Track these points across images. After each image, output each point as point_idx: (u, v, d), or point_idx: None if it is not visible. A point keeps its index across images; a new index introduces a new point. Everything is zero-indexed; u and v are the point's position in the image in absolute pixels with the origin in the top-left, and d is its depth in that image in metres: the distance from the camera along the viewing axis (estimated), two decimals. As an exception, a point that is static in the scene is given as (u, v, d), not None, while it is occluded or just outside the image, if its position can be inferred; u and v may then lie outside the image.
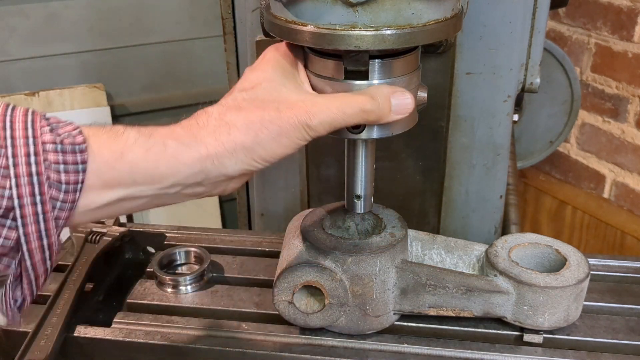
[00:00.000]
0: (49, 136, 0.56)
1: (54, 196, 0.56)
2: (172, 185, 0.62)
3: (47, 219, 0.56)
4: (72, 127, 0.58)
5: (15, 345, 0.83)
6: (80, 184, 0.57)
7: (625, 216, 2.01)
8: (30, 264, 0.57)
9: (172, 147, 0.61)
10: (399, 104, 0.67)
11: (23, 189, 0.55)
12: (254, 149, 0.62)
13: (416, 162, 1.08)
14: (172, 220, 2.32)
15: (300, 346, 0.84)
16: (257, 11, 0.99)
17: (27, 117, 0.57)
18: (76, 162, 0.57)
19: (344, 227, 0.86)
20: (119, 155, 0.59)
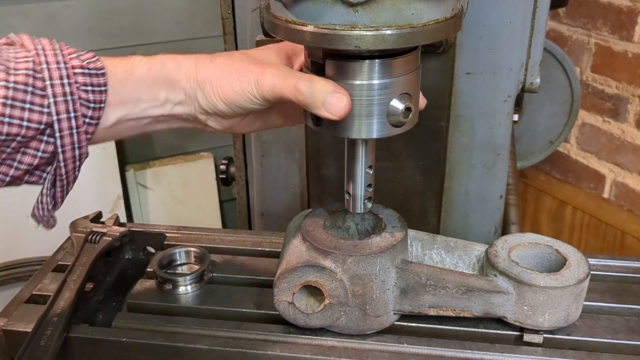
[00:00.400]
0: (77, 61, 0.67)
1: (84, 113, 0.67)
2: (165, 102, 0.72)
3: (80, 132, 0.67)
4: (91, 54, 0.69)
5: (15, 345, 0.83)
6: (104, 103, 0.68)
7: (625, 216, 2.01)
8: (64, 171, 0.68)
9: (168, 65, 0.72)
10: (331, 103, 0.68)
11: (60, 106, 0.65)
12: (216, 85, 0.71)
13: (416, 162, 1.08)
14: (172, 220, 2.32)
15: (300, 346, 0.84)
16: (257, 11, 0.99)
17: (54, 45, 0.67)
18: (100, 84, 0.68)
19: (344, 227, 0.86)
20: (129, 75, 0.70)
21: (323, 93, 0.68)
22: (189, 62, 0.73)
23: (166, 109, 0.73)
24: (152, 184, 2.28)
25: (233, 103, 0.72)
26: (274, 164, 1.16)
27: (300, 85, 0.68)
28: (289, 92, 0.69)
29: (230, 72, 0.72)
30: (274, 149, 1.14)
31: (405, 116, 0.71)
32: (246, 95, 0.71)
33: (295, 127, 1.09)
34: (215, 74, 0.72)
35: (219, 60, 0.73)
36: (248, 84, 0.71)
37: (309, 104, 0.69)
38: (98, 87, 0.67)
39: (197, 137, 2.37)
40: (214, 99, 0.72)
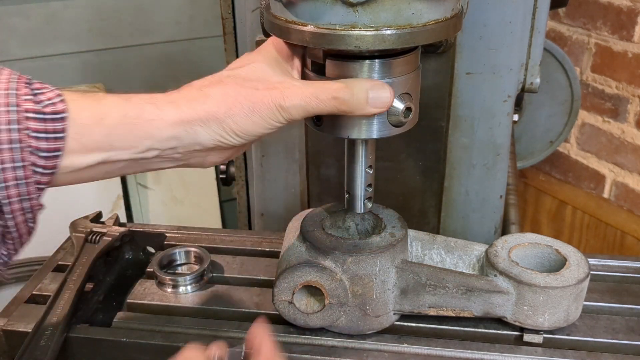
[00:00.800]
0: (31, 105, 0.58)
1: (35, 162, 0.59)
2: (148, 150, 0.64)
3: (28, 183, 0.59)
4: (54, 94, 0.60)
5: (15, 345, 0.83)
6: (60, 151, 0.60)
7: (625, 216, 2.01)
8: (13, 223, 0.60)
9: (148, 111, 0.63)
10: (376, 97, 0.66)
11: (5, 154, 0.57)
12: (226, 121, 0.64)
13: (416, 162, 1.08)
14: (172, 220, 2.32)
15: (300, 346, 0.84)
16: (257, 11, 0.99)
17: (11, 84, 0.58)
18: (56, 130, 0.59)
19: (344, 227, 0.86)
20: (98, 120, 0.61)
21: (364, 92, 0.66)
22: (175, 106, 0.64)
23: (151, 154, 0.65)
24: (152, 184, 2.28)
25: (252, 134, 0.66)
26: (274, 164, 1.16)
27: (341, 95, 0.65)
28: (328, 106, 0.65)
29: (240, 103, 0.64)
30: (274, 149, 1.14)
31: (405, 116, 0.71)
32: (269, 123, 0.65)
33: (295, 127, 1.09)
34: (219, 109, 0.64)
35: (215, 94, 0.65)
36: (269, 111, 0.65)
37: (354, 109, 0.66)
38: (54, 133, 0.59)
39: (197, 137, 2.37)
40: (225, 135, 0.65)
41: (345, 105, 0.65)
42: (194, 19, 2.25)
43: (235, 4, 1.13)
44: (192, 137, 0.65)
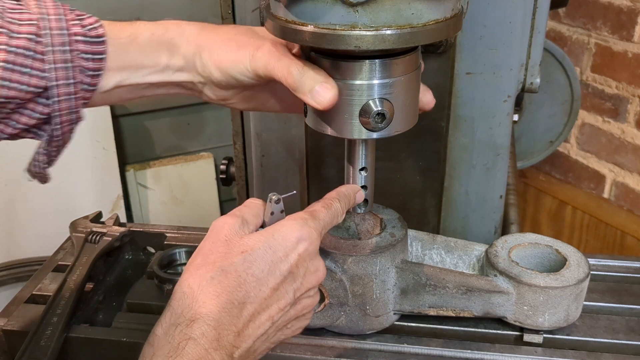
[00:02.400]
0: (79, 28, 0.67)
1: (82, 80, 0.68)
2: (165, 68, 0.73)
3: (76, 97, 0.68)
4: (94, 19, 0.70)
5: (15, 345, 0.83)
6: (101, 71, 0.69)
7: (625, 216, 2.01)
8: (59, 132, 0.69)
9: (171, 31, 0.73)
10: (318, 92, 0.68)
11: (59, 72, 0.66)
12: (214, 53, 0.72)
13: (416, 162, 1.08)
14: (172, 220, 2.32)
15: (300, 346, 0.84)
16: (257, 11, 0.99)
17: (59, 9, 0.67)
18: (99, 51, 0.69)
19: (344, 227, 0.86)
20: (132, 39, 0.71)
21: (313, 81, 0.68)
22: (192, 27, 0.73)
23: (166, 75, 0.74)
24: (152, 184, 2.28)
25: (227, 72, 0.72)
26: (274, 164, 1.16)
27: (292, 69, 0.68)
28: (280, 72, 0.69)
29: (230, 41, 0.72)
30: (274, 149, 1.14)
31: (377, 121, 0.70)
32: (239, 67, 0.71)
33: (295, 127, 1.09)
34: (215, 41, 0.72)
35: (224, 29, 0.74)
36: (243, 55, 0.71)
37: (297, 88, 0.68)
38: (98, 54, 0.68)
39: (197, 137, 2.37)
40: (209, 65, 0.72)
41: (292, 81, 0.69)
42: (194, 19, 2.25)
43: (235, 4, 1.13)
44: (192, 59, 0.73)
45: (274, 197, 0.69)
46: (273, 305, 0.64)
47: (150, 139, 2.31)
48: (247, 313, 0.62)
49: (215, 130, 2.35)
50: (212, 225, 0.67)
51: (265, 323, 0.64)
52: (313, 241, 0.67)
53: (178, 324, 0.60)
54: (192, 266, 0.64)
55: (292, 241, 0.65)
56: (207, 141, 2.39)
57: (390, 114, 0.70)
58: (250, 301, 0.62)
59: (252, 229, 0.67)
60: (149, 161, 2.30)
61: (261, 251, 0.64)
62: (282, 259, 0.64)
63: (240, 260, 0.63)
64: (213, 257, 0.63)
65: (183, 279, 0.63)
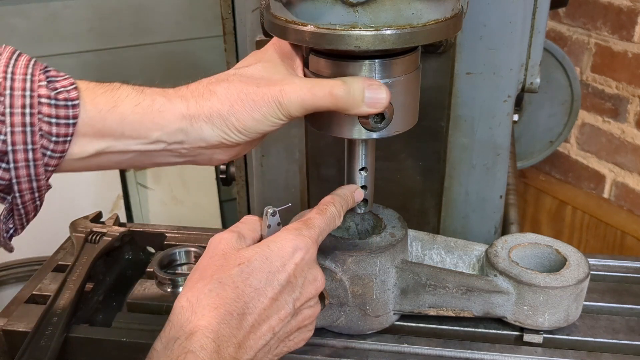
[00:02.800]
0: (45, 90, 0.62)
1: (45, 145, 0.62)
2: (157, 141, 0.67)
3: (37, 165, 0.62)
4: (69, 82, 0.64)
5: (15, 345, 0.83)
6: (70, 137, 0.63)
7: (625, 216, 2.01)
8: (20, 202, 0.64)
9: (159, 103, 0.66)
10: (372, 97, 0.67)
11: (17, 136, 0.60)
12: (229, 118, 0.66)
13: (416, 162, 1.08)
14: (172, 220, 2.32)
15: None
16: (257, 11, 0.99)
17: (28, 70, 0.62)
18: (68, 116, 0.62)
19: (344, 227, 0.86)
20: (111, 107, 0.64)
21: (361, 91, 0.66)
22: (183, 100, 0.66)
23: (158, 146, 0.67)
24: (152, 184, 2.28)
25: (254, 131, 0.67)
26: (274, 164, 1.16)
27: (337, 91, 0.65)
28: (324, 102, 0.66)
29: (242, 101, 0.66)
30: (274, 149, 1.14)
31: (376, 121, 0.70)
32: (269, 120, 0.66)
33: (295, 127, 1.09)
34: (222, 106, 0.66)
35: (221, 91, 0.67)
36: (269, 108, 0.66)
37: (349, 107, 0.66)
38: (65, 119, 0.62)
39: (197, 137, 2.37)
40: (228, 132, 0.66)
41: (342, 102, 0.66)
42: (194, 19, 2.25)
43: (235, 4, 1.13)
44: (197, 133, 0.66)
45: (269, 210, 0.69)
46: (273, 316, 0.64)
47: (150, 139, 2.31)
48: (247, 324, 0.62)
49: (215, 130, 2.34)
50: (210, 242, 0.67)
51: (266, 334, 0.63)
52: (309, 250, 0.66)
53: (177, 338, 0.59)
54: (190, 281, 0.64)
55: (288, 251, 0.65)
56: (207, 141, 2.39)
57: (389, 114, 0.70)
58: (249, 312, 0.62)
59: (249, 243, 0.67)
60: (149, 161, 2.30)
61: (258, 262, 0.63)
62: (279, 269, 0.64)
63: (238, 272, 0.62)
64: (210, 270, 0.63)
65: (181, 293, 0.63)
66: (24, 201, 0.64)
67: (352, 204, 0.77)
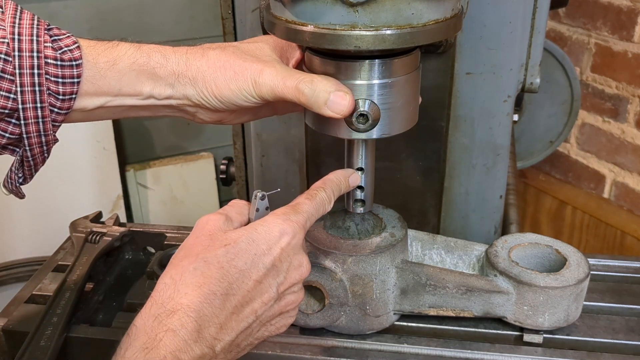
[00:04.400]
0: (50, 51, 0.65)
1: (52, 103, 0.67)
2: (149, 96, 0.71)
3: (46, 121, 0.67)
4: (71, 40, 0.67)
5: (15, 345, 0.83)
6: (74, 94, 0.67)
7: (625, 216, 2.01)
8: (30, 154, 0.69)
9: (155, 60, 0.70)
10: (335, 102, 0.67)
11: (27, 95, 0.65)
12: (209, 82, 0.70)
13: (416, 162, 1.08)
14: (172, 220, 2.32)
15: (300, 346, 0.84)
16: (257, 11, 0.99)
17: (34, 30, 0.65)
18: (72, 75, 0.66)
19: (344, 227, 0.86)
20: (111, 65, 0.69)
21: (325, 93, 0.67)
22: (177, 56, 0.71)
23: (150, 101, 0.72)
24: (152, 184, 2.28)
25: (228, 101, 0.71)
26: (274, 164, 1.16)
27: (302, 87, 0.67)
28: (291, 93, 0.68)
29: (225, 69, 0.70)
30: (274, 149, 1.14)
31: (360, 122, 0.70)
32: (243, 94, 0.70)
33: (295, 127, 1.09)
34: (208, 69, 0.70)
35: (212, 55, 0.71)
36: (245, 83, 0.69)
37: (311, 104, 0.68)
38: (70, 78, 0.66)
39: (197, 137, 2.37)
40: (207, 95, 0.71)
41: (304, 99, 0.68)
42: (194, 19, 2.25)
43: (235, 4, 1.13)
44: (182, 89, 0.71)
45: (259, 194, 0.69)
46: (257, 298, 0.63)
47: (150, 139, 2.31)
48: (229, 305, 0.61)
49: (215, 130, 2.35)
50: (197, 222, 0.67)
51: (248, 316, 0.63)
52: (296, 234, 0.66)
53: (158, 315, 0.59)
54: (175, 259, 0.64)
55: (275, 235, 0.65)
56: (207, 141, 2.39)
57: (373, 117, 0.70)
58: (233, 293, 0.61)
59: (236, 226, 0.67)
60: (149, 161, 2.30)
61: (244, 244, 0.63)
62: (265, 252, 0.64)
63: (223, 252, 0.62)
64: (196, 249, 0.63)
65: (165, 271, 0.63)
66: (34, 154, 0.69)
67: (346, 189, 0.77)
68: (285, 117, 1.09)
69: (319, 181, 0.74)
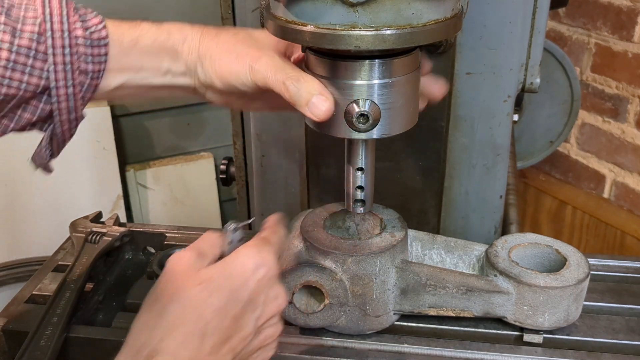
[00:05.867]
0: (81, 31, 0.68)
1: (82, 81, 0.70)
2: (166, 72, 0.74)
3: (76, 98, 0.70)
4: (98, 19, 0.71)
5: (15, 345, 0.83)
6: (102, 72, 0.70)
7: (625, 216, 2.01)
8: (60, 130, 0.71)
9: (173, 38, 0.73)
10: (315, 105, 0.68)
11: (59, 74, 0.67)
12: (214, 63, 0.72)
13: (416, 162, 1.08)
14: (172, 220, 2.32)
15: (300, 346, 0.84)
16: (257, 11, 0.99)
17: (63, 10, 0.68)
18: (100, 54, 0.70)
19: (344, 227, 0.86)
20: (134, 43, 0.72)
21: (309, 94, 0.68)
22: (194, 34, 0.74)
23: (167, 78, 0.74)
24: (152, 184, 2.28)
25: (227, 82, 0.73)
26: (274, 164, 1.16)
27: (288, 84, 0.69)
28: (277, 86, 0.70)
29: (230, 52, 0.72)
30: (274, 149, 1.14)
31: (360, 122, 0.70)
32: (239, 78, 0.72)
33: (295, 127, 1.09)
34: (216, 49, 0.73)
35: (223, 37, 0.74)
36: (242, 67, 0.71)
37: (294, 101, 0.69)
38: (98, 57, 0.69)
39: (197, 137, 2.37)
40: (210, 74, 0.73)
41: (289, 95, 0.69)
42: (194, 19, 2.25)
43: (235, 4, 1.13)
44: (193, 67, 0.74)
45: (230, 226, 0.69)
46: (234, 335, 0.62)
47: (150, 139, 2.31)
48: (207, 345, 0.60)
49: (215, 130, 2.34)
50: (168, 261, 0.65)
51: (227, 355, 0.62)
52: (271, 267, 0.65)
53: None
54: (148, 300, 0.63)
55: (250, 267, 0.63)
56: (207, 141, 2.39)
57: (374, 117, 0.70)
58: (210, 333, 0.60)
59: (209, 261, 0.66)
60: (149, 161, 2.30)
61: (219, 281, 0.62)
62: (241, 287, 0.62)
63: (198, 292, 0.61)
64: (170, 290, 0.62)
65: (139, 314, 0.62)
66: (63, 130, 0.71)
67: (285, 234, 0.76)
68: (285, 117, 1.09)
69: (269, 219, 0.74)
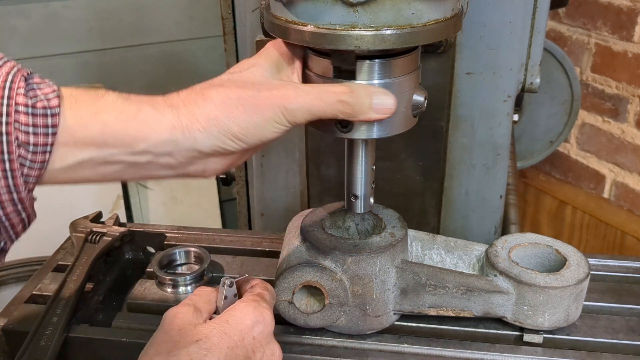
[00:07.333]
0: (22, 98, 0.58)
1: (23, 155, 0.59)
2: (143, 152, 0.63)
3: (15, 175, 0.59)
4: (51, 89, 0.60)
5: (15, 345, 0.83)
6: (49, 146, 0.59)
7: (625, 216, 2.01)
8: (3, 214, 0.60)
9: (145, 112, 0.62)
10: (380, 104, 0.66)
11: None
12: (227, 124, 0.62)
13: (416, 162, 1.08)
14: (172, 220, 2.32)
15: (300, 346, 0.84)
16: (257, 11, 0.99)
17: (8, 77, 0.59)
18: (46, 125, 0.59)
19: (344, 227, 0.86)
20: (93, 115, 0.61)
21: (368, 98, 0.65)
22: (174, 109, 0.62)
23: (145, 157, 0.63)
24: (152, 184, 2.28)
25: (254, 137, 0.63)
26: (274, 164, 1.16)
27: (345, 98, 0.64)
28: (332, 109, 0.64)
29: (243, 106, 0.62)
30: (274, 149, 1.14)
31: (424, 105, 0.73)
32: (272, 125, 0.63)
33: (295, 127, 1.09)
34: (220, 112, 0.62)
35: (216, 96, 0.63)
36: (273, 113, 0.62)
37: (356, 113, 0.65)
38: (44, 128, 0.59)
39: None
40: (225, 139, 0.63)
41: (350, 109, 0.64)
42: (194, 19, 2.25)
43: (235, 4, 1.13)
44: (189, 142, 0.62)
45: (227, 282, 0.69)
46: None
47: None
48: None
49: (215, 130, 2.35)
50: (164, 315, 0.64)
51: None
52: (268, 323, 0.65)
53: None
54: (145, 356, 0.62)
55: (247, 324, 0.63)
56: (207, 141, 2.39)
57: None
58: None
59: (205, 316, 0.65)
60: (149, 161, 2.30)
61: (216, 338, 0.61)
62: (237, 344, 0.62)
63: (195, 349, 0.60)
64: (166, 346, 0.61)
65: None
66: (7, 213, 0.60)
67: None
68: (285, 117, 1.09)
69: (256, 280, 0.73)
